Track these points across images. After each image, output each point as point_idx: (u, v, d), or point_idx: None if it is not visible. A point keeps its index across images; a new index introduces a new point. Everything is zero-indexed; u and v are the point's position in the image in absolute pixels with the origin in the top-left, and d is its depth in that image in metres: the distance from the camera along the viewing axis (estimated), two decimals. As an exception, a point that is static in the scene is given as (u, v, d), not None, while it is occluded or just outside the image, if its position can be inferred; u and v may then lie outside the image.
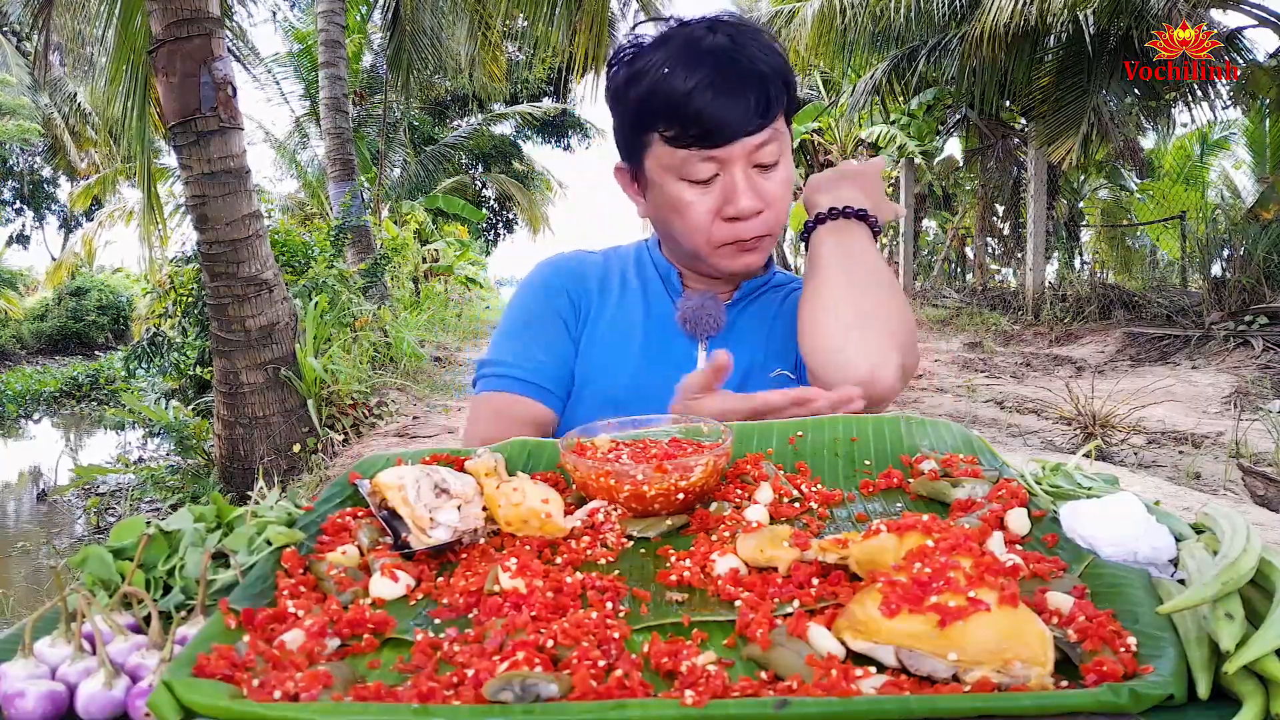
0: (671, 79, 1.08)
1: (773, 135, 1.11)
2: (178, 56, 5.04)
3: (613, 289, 1.33)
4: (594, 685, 0.49)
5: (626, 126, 1.17)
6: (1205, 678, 0.48)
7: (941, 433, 0.92)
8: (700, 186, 1.13)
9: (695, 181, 1.12)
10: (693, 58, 1.08)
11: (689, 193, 1.13)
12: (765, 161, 1.12)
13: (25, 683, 0.54)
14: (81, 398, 12.95)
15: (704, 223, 1.15)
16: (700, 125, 1.08)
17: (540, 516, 0.72)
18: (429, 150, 18.13)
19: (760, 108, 1.08)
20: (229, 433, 5.63)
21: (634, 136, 1.16)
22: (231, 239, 5.26)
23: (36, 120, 20.58)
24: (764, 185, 1.13)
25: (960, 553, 0.56)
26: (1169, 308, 10.86)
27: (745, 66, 1.09)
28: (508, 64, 11.71)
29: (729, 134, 1.08)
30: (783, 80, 1.11)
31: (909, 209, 15.15)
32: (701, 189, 1.13)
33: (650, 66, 1.10)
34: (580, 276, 1.34)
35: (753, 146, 1.10)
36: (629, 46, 1.17)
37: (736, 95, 1.07)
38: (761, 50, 1.11)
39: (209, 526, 0.74)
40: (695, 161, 1.11)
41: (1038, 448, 5.97)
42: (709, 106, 1.06)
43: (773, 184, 1.14)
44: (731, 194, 1.12)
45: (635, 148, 1.17)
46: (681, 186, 1.14)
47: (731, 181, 1.11)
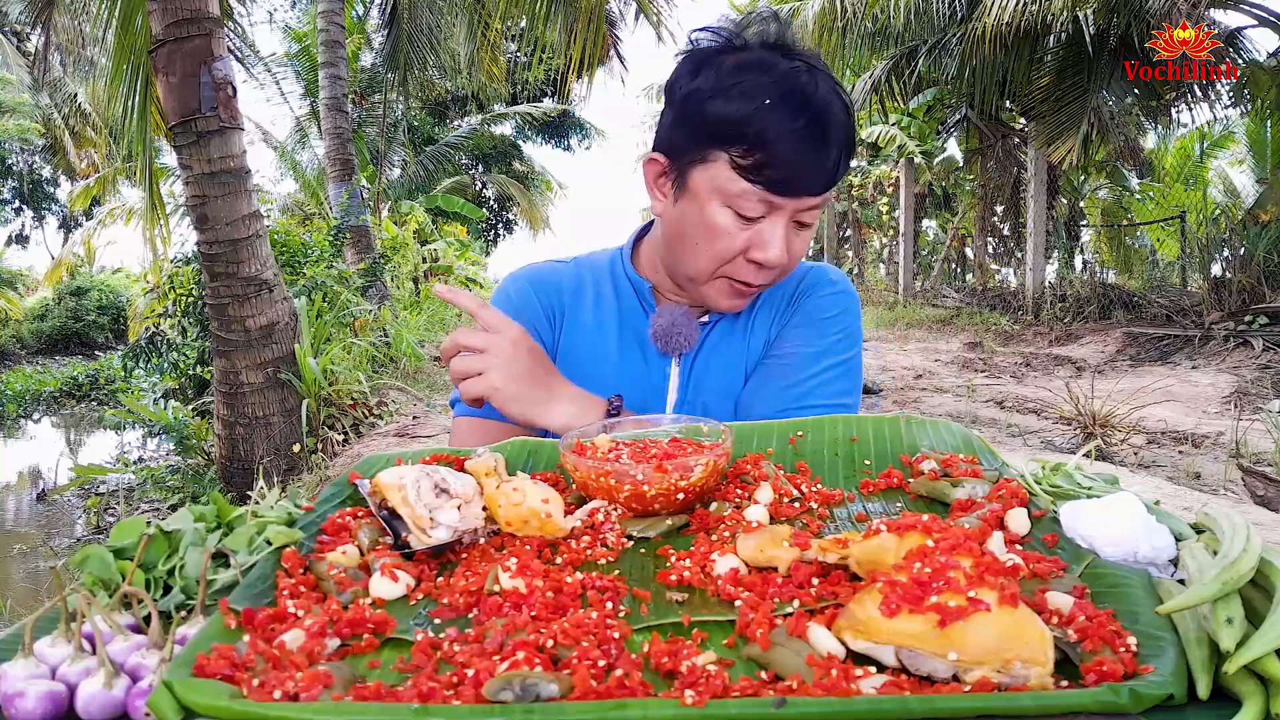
0: (773, 115, 1.04)
1: (823, 202, 1.12)
2: (178, 56, 5.04)
3: (585, 300, 1.30)
4: (594, 685, 0.49)
5: (692, 130, 1.11)
6: (1205, 678, 0.48)
7: (941, 433, 0.92)
8: (742, 221, 1.10)
9: (741, 215, 1.09)
10: (798, 101, 1.05)
11: (730, 222, 1.10)
12: (806, 221, 1.12)
13: (25, 683, 0.54)
14: (81, 398, 12.95)
15: (726, 255, 1.12)
16: (783, 170, 1.05)
17: (540, 516, 0.72)
18: (429, 150, 18.12)
19: (835, 172, 1.09)
20: (229, 433, 5.63)
21: (696, 144, 1.10)
22: (231, 239, 5.26)
23: (36, 120, 20.58)
24: (794, 242, 1.13)
25: (960, 553, 0.56)
26: (1169, 308, 10.87)
27: (837, 128, 1.07)
28: (508, 64, 11.71)
29: (801, 188, 1.07)
30: (850, 149, 1.11)
31: (909, 209, 15.16)
32: (743, 224, 1.10)
33: (747, 88, 1.05)
34: (553, 287, 1.30)
35: (805, 205, 1.09)
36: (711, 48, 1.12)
37: (822, 154, 1.06)
38: (847, 116, 1.10)
39: (209, 526, 0.74)
40: (753, 198, 1.08)
41: (1038, 448, 5.97)
42: (800, 157, 1.05)
43: (800, 242, 1.14)
44: (768, 241, 1.10)
45: (690, 153, 1.11)
46: (725, 214, 1.10)
47: (773, 229, 1.10)
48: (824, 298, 1.27)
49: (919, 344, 11.26)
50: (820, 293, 1.28)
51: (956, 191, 17.93)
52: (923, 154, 14.87)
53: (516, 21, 8.50)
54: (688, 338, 1.21)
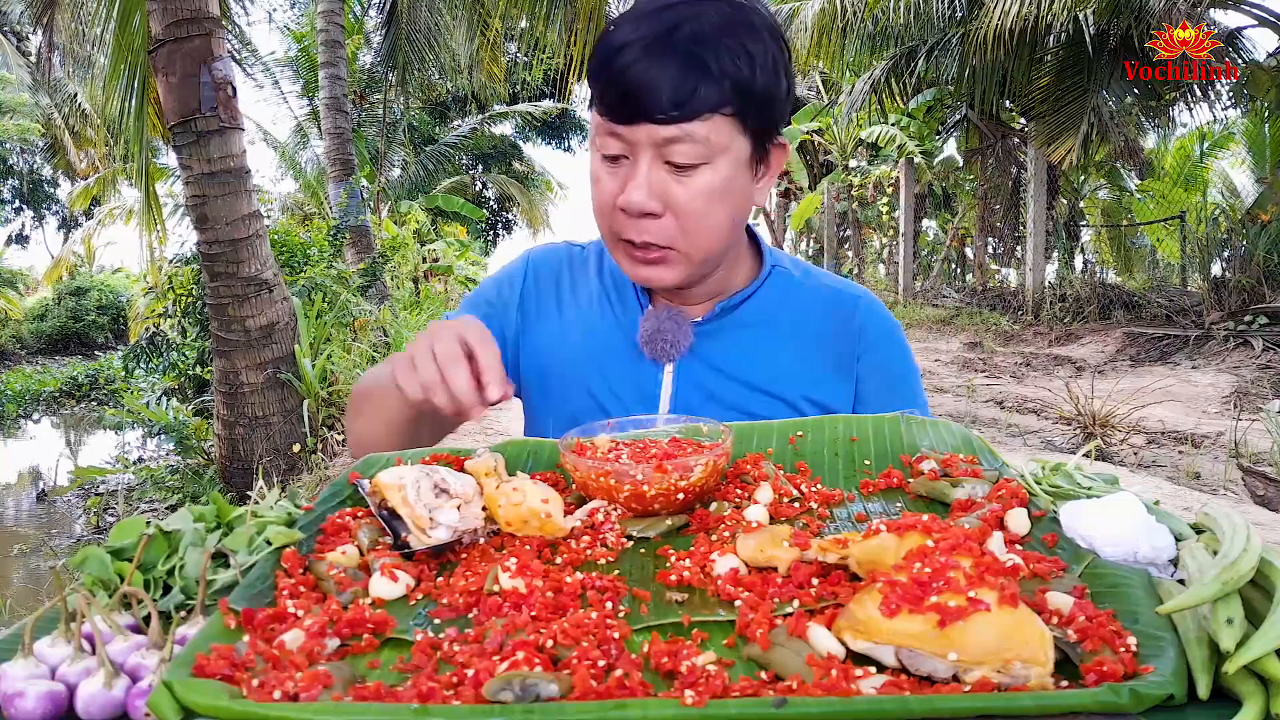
0: (613, 33, 0.96)
1: (687, 135, 0.94)
2: (178, 56, 5.03)
3: (583, 292, 1.20)
4: (594, 685, 0.49)
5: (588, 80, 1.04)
6: (1205, 678, 0.48)
7: (941, 433, 0.92)
8: (609, 163, 1.00)
9: (605, 156, 1.00)
10: (643, 15, 0.95)
11: (600, 167, 1.01)
12: (678, 161, 0.96)
13: (25, 683, 0.54)
14: (81, 398, 12.95)
15: (605, 203, 1.02)
16: (613, 92, 0.95)
17: (540, 516, 0.72)
18: (429, 150, 18.13)
19: (681, 94, 0.92)
20: (229, 433, 5.62)
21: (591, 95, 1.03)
22: (231, 239, 5.26)
23: (36, 120, 20.58)
24: (670, 187, 0.97)
25: (960, 553, 0.56)
26: (1169, 308, 10.87)
27: (682, 43, 0.93)
28: (508, 65, 11.72)
29: (634, 112, 0.94)
30: (735, 75, 0.94)
31: (909, 209, 15.16)
32: (611, 166, 1.00)
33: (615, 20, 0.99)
34: (550, 272, 1.23)
35: (660, 138, 0.94)
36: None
37: (659, 71, 0.92)
38: (725, 34, 0.94)
39: (209, 526, 0.73)
40: (604, 133, 0.98)
41: (1038, 448, 5.97)
42: (626, 74, 0.93)
43: (684, 189, 0.97)
44: (625, 182, 0.98)
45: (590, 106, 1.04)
46: (596, 159, 1.02)
47: (633, 168, 0.98)
48: (885, 320, 1.20)
49: (919, 344, 11.26)
50: (880, 316, 1.20)
51: (956, 191, 17.93)
52: (923, 154, 14.87)
53: (516, 21, 8.49)
54: (675, 343, 1.11)
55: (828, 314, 1.17)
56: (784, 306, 1.16)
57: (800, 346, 1.15)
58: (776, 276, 1.18)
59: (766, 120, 1.00)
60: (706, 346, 1.13)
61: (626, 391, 1.12)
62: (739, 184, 1.01)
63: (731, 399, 1.11)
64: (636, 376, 1.13)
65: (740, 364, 1.13)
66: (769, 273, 1.17)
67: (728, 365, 1.13)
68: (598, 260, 1.22)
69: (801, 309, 1.17)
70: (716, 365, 1.13)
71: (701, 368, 1.13)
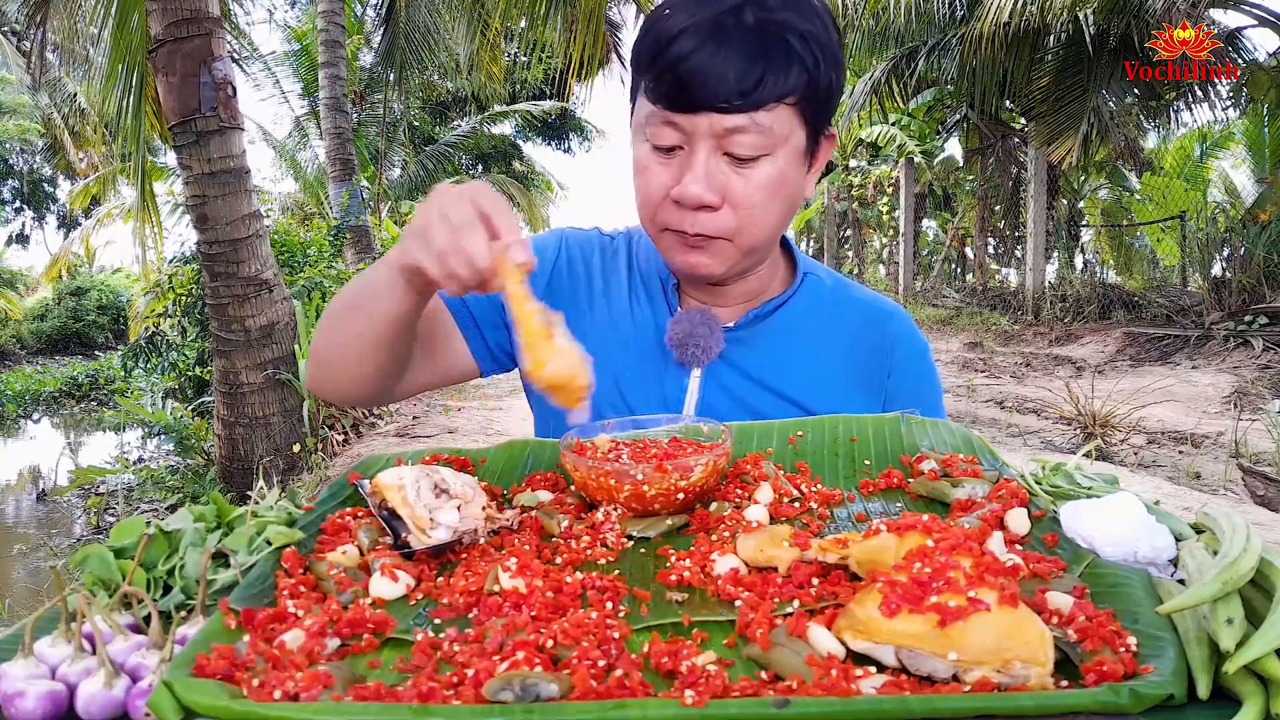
0: (668, 18, 0.91)
1: (753, 124, 0.90)
2: (178, 56, 5.03)
3: (615, 285, 1.15)
4: (594, 685, 0.49)
5: (631, 66, 1.00)
6: (1205, 678, 0.48)
7: (941, 433, 0.92)
8: (661, 154, 0.95)
9: (657, 147, 0.95)
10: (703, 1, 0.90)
11: (650, 158, 0.96)
12: (738, 153, 0.92)
13: (25, 683, 0.54)
14: (81, 398, 12.96)
15: (654, 195, 0.97)
16: (671, 79, 0.89)
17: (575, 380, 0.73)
18: (429, 150, 18.12)
19: (747, 82, 0.88)
20: (229, 433, 5.62)
21: (633, 84, 1.00)
22: (231, 239, 5.26)
23: (36, 119, 20.59)
24: (729, 179, 0.93)
25: (960, 553, 0.56)
26: (1169, 308, 10.87)
27: (750, 27, 0.88)
28: (508, 64, 11.73)
29: (695, 100, 0.89)
30: (801, 62, 0.90)
31: (909, 209, 15.16)
32: (663, 157, 0.95)
33: (667, 3, 0.94)
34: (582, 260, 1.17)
35: (722, 129, 0.90)
36: None
37: (724, 58, 0.87)
38: (790, 16, 0.90)
39: (209, 526, 0.74)
40: (658, 123, 0.93)
41: (1038, 448, 5.97)
42: (686, 60, 0.88)
43: (744, 182, 0.93)
44: (684, 172, 0.94)
45: (634, 94, 1.00)
46: (643, 148, 0.97)
47: (687, 159, 0.93)
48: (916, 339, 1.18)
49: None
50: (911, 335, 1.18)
51: (956, 191, 17.93)
52: (923, 154, 14.87)
53: (516, 22, 8.48)
54: (707, 347, 1.07)
55: (859, 328, 1.15)
56: (815, 316, 1.14)
57: (830, 359, 1.12)
58: (809, 284, 1.15)
59: (826, 109, 0.97)
60: (736, 352, 1.10)
61: (652, 393, 1.09)
62: (794, 176, 0.98)
63: (757, 406, 1.08)
64: (663, 379, 1.10)
65: (770, 372, 1.10)
66: (802, 280, 1.14)
67: (757, 372, 1.10)
68: (627, 254, 1.18)
69: (833, 320, 1.14)
70: (745, 371, 1.10)
71: (730, 373, 1.10)
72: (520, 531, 0.75)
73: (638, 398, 1.09)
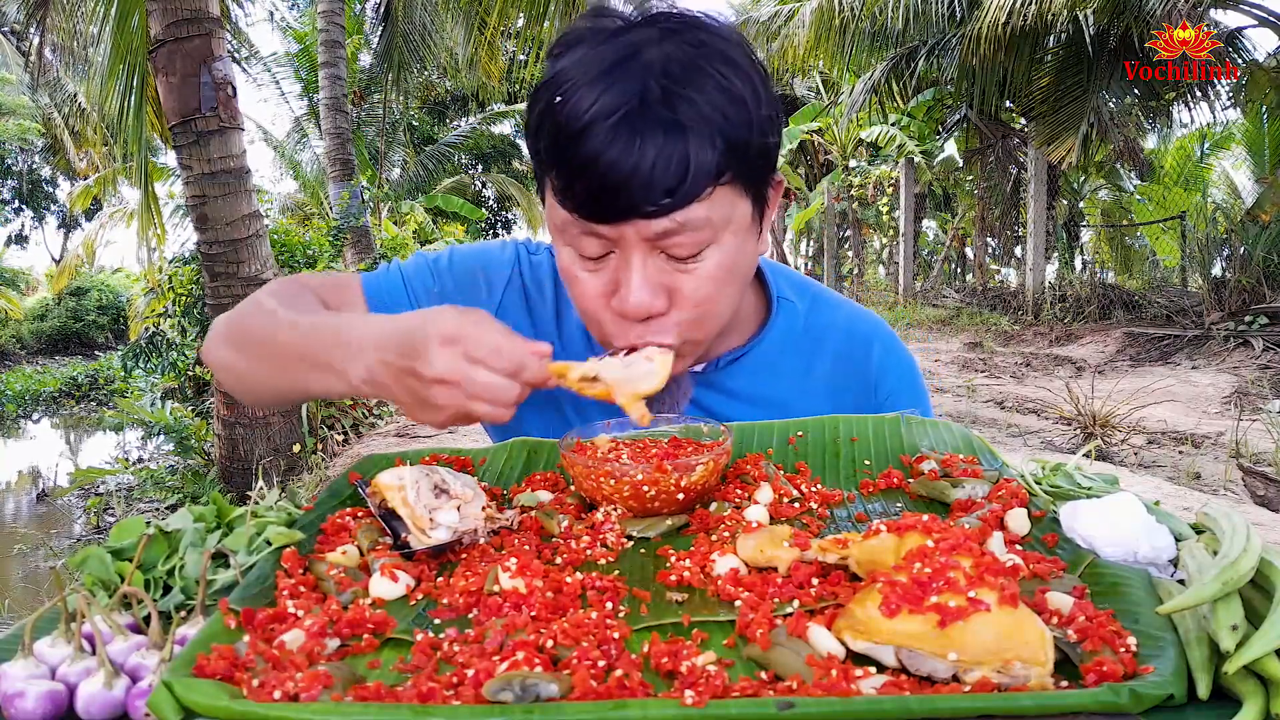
0: (565, 106, 0.77)
1: (688, 224, 0.79)
2: (178, 56, 5.03)
3: (569, 321, 1.06)
4: (594, 685, 0.49)
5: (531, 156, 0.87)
6: (1205, 678, 0.48)
7: (941, 433, 0.92)
8: (590, 262, 0.84)
9: (581, 255, 0.84)
10: (604, 80, 0.76)
11: (576, 266, 0.85)
12: (676, 254, 0.81)
13: (25, 683, 0.54)
14: (81, 398, 12.96)
15: (592, 309, 0.86)
16: (584, 187, 0.77)
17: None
18: (428, 150, 18.15)
19: (670, 179, 0.76)
20: (229, 433, 5.62)
21: (537, 173, 0.86)
22: (231, 239, 5.26)
23: (36, 120, 20.59)
24: (673, 278, 0.83)
25: (960, 553, 0.56)
26: (1169, 308, 10.87)
27: (661, 112, 0.75)
28: (506, 63, 11.72)
29: (616, 209, 0.78)
30: (724, 136, 0.77)
31: (909, 209, 15.17)
32: (592, 265, 0.84)
33: (560, 76, 0.79)
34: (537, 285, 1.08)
35: (653, 233, 0.79)
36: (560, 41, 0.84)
37: (640, 155, 0.75)
38: (704, 82, 0.77)
39: (209, 526, 0.74)
40: (575, 231, 0.82)
41: (1038, 448, 5.96)
42: (596, 164, 0.75)
43: (690, 279, 0.83)
44: (620, 283, 0.83)
45: (540, 186, 0.87)
46: (570, 255, 0.86)
47: (624, 270, 0.82)
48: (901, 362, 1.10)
49: (919, 344, 11.26)
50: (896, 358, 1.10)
51: (956, 191, 17.93)
52: (923, 154, 14.86)
53: (513, 20, 8.48)
54: (675, 400, 1.00)
55: (839, 361, 1.07)
56: (790, 352, 1.06)
57: (808, 397, 1.06)
58: (783, 313, 1.07)
59: (765, 170, 0.85)
60: (707, 397, 1.04)
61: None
62: (746, 250, 0.87)
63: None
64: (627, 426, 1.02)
65: (741, 414, 1.04)
66: (776, 310, 1.06)
67: (727, 414, 1.03)
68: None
69: (809, 354, 1.07)
70: (716, 415, 1.03)
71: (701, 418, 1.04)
72: (520, 531, 0.75)
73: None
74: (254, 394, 0.93)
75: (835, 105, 15.93)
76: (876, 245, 20.62)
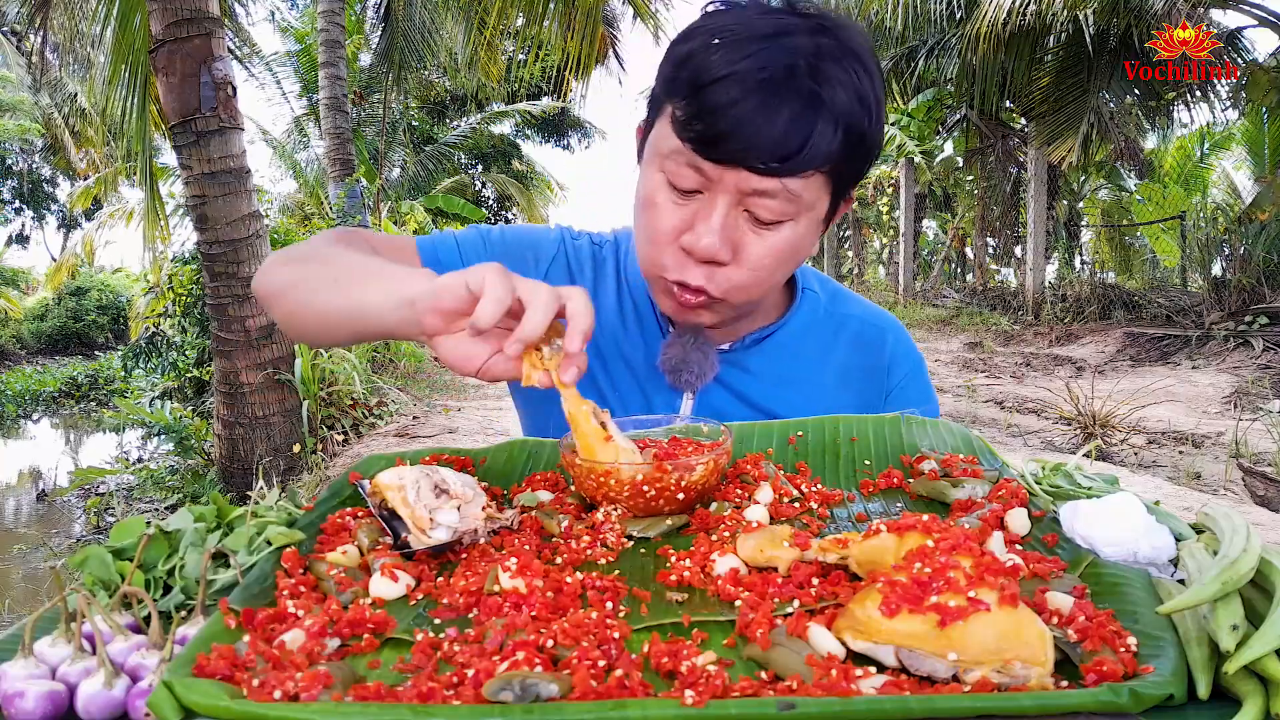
0: (714, 53, 0.83)
1: (784, 190, 0.84)
2: (178, 56, 5.04)
3: (605, 298, 1.11)
4: (594, 685, 0.48)
5: (657, 81, 0.91)
6: (1205, 678, 0.48)
7: (941, 433, 0.92)
8: (677, 194, 0.89)
9: (673, 184, 0.89)
10: (756, 44, 0.82)
11: (662, 194, 0.90)
12: (760, 215, 0.87)
13: (25, 683, 0.54)
14: (81, 398, 12.97)
15: (661, 237, 0.90)
16: (708, 123, 0.82)
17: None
18: (428, 150, 18.14)
19: (788, 147, 0.82)
20: (229, 433, 5.63)
21: (657, 97, 0.91)
22: (231, 239, 5.26)
23: (36, 119, 20.59)
24: (745, 237, 0.88)
25: (960, 553, 0.56)
26: (1169, 308, 10.88)
27: (804, 87, 0.81)
28: (506, 63, 11.73)
29: (730, 153, 0.83)
30: (847, 131, 0.84)
31: (909, 209, 15.17)
32: (678, 197, 0.89)
33: (712, 28, 0.86)
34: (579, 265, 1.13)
35: (750, 188, 0.85)
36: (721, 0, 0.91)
37: (768, 117, 0.81)
38: (847, 82, 0.84)
39: (209, 526, 0.74)
40: (681, 162, 0.86)
41: (1038, 448, 5.97)
42: (729, 110, 0.81)
43: (759, 243, 0.88)
44: (698, 221, 0.88)
45: (653, 111, 0.92)
46: (659, 182, 0.90)
47: (706, 208, 0.87)
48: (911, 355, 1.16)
49: (919, 344, 11.23)
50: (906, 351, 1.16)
51: (956, 191, 17.93)
52: (923, 154, 14.87)
53: (513, 19, 8.48)
54: (701, 372, 1.03)
55: (855, 346, 1.13)
56: (811, 336, 1.12)
57: (825, 380, 1.11)
58: (806, 301, 1.13)
59: (860, 174, 0.91)
60: (730, 374, 1.08)
61: (641, 414, 1.07)
62: (809, 240, 0.92)
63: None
64: (653, 400, 1.08)
65: (764, 395, 1.08)
66: (800, 298, 1.12)
67: (751, 394, 1.08)
68: (615, 265, 1.13)
69: (830, 340, 1.12)
70: (740, 394, 1.08)
71: (724, 396, 1.08)
72: (520, 531, 0.75)
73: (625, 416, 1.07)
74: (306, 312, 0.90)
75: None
76: (876, 245, 20.63)
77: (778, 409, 1.08)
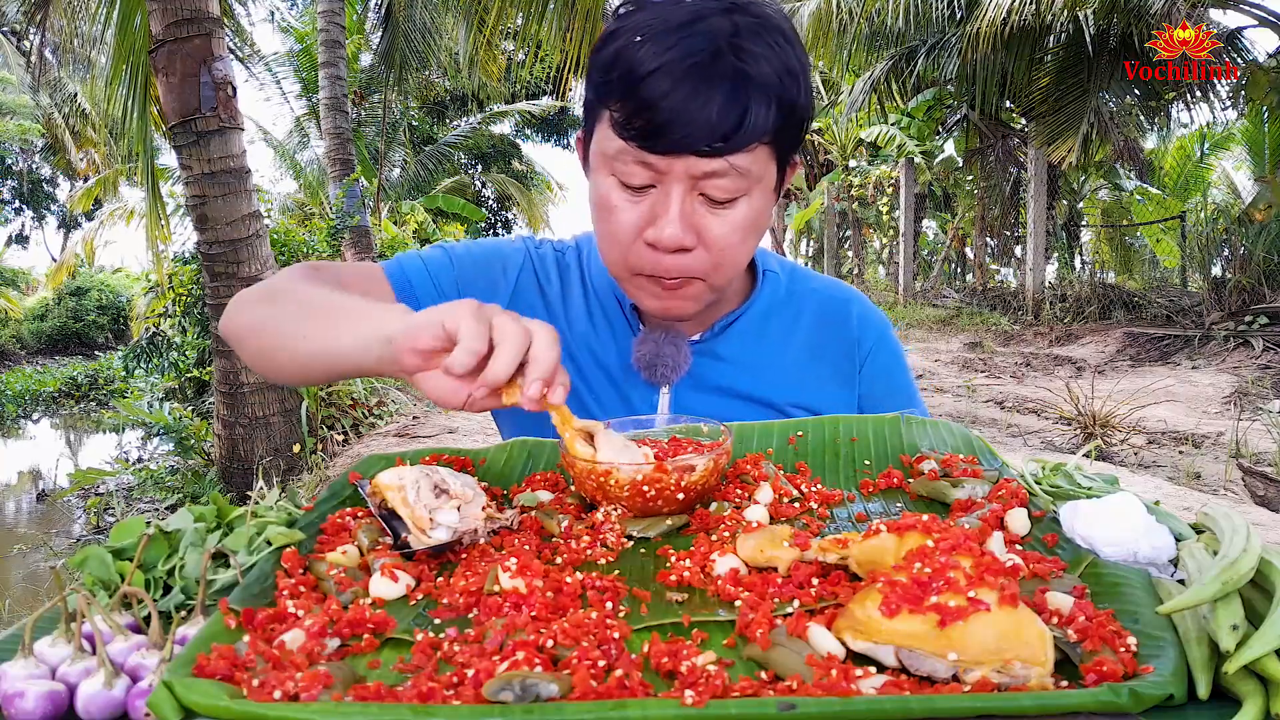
0: (639, 50, 0.85)
1: (731, 169, 0.88)
2: (178, 56, 5.03)
3: (574, 302, 1.14)
4: (594, 685, 0.48)
5: (588, 90, 0.94)
6: (1205, 678, 0.48)
7: (941, 433, 0.92)
8: (631, 192, 0.92)
9: (625, 184, 0.91)
10: (677, 34, 0.85)
11: (616, 195, 0.92)
12: (715, 196, 0.90)
13: (25, 683, 0.54)
14: (81, 398, 12.96)
15: (624, 237, 0.93)
16: (646, 118, 0.85)
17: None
18: (428, 150, 18.14)
19: (727, 125, 0.85)
20: (229, 433, 5.62)
21: (591, 105, 0.94)
22: (231, 239, 5.26)
23: (37, 120, 20.59)
24: (705, 220, 0.91)
25: (960, 553, 0.56)
26: (1169, 308, 10.88)
27: (731, 67, 0.85)
28: (506, 63, 11.73)
29: (673, 142, 0.86)
30: (779, 102, 0.87)
31: (909, 209, 15.17)
32: (632, 195, 0.92)
33: (631, 27, 0.88)
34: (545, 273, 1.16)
35: (700, 171, 0.88)
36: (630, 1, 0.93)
37: (703, 100, 0.84)
38: (770, 56, 0.86)
39: (209, 526, 0.74)
40: (629, 161, 0.89)
41: (1038, 448, 5.96)
42: (664, 101, 0.84)
43: (720, 223, 0.91)
44: (658, 214, 0.90)
45: (590, 119, 0.95)
46: (609, 184, 0.93)
47: (663, 202, 0.90)
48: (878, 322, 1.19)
49: (919, 344, 11.27)
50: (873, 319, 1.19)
51: (956, 191, 17.93)
52: (923, 154, 14.86)
53: (513, 19, 8.48)
54: (675, 365, 1.06)
55: (821, 321, 1.16)
56: (776, 315, 1.15)
57: (795, 354, 1.14)
58: (768, 282, 1.16)
59: (798, 141, 0.95)
60: (703, 364, 1.10)
61: (620, 413, 1.09)
62: (766, 211, 0.96)
63: (730, 414, 1.07)
64: (631, 398, 1.10)
65: (737, 379, 1.11)
66: (762, 280, 1.15)
67: (725, 381, 1.11)
68: (579, 270, 1.16)
69: (794, 316, 1.16)
70: (715, 383, 1.10)
71: (699, 386, 1.10)
72: (520, 531, 0.75)
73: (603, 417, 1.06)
74: (280, 355, 0.90)
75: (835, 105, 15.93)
76: (876, 245, 20.63)
77: (753, 389, 1.10)
